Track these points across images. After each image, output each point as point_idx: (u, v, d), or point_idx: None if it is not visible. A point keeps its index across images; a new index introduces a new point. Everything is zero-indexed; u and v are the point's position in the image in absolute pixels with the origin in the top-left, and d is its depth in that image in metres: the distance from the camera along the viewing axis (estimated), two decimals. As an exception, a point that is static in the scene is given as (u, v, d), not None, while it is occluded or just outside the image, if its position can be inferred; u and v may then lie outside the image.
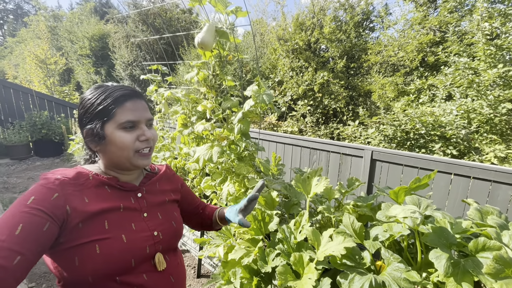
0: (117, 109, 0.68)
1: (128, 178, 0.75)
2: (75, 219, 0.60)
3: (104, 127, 0.68)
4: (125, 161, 0.70)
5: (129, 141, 0.68)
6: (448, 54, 4.34)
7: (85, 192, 0.65)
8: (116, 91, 0.69)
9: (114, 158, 0.70)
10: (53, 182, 0.61)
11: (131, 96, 0.70)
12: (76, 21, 13.25)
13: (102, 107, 0.67)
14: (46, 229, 0.55)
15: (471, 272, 0.82)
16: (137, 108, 0.71)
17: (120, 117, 0.68)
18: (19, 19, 29.43)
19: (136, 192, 0.75)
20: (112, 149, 0.69)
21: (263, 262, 1.29)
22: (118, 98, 0.68)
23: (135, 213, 0.72)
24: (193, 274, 2.38)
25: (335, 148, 2.69)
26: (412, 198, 1.06)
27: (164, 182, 0.86)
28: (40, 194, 0.58)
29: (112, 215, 0.67)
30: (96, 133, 0.67)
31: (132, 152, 0.70)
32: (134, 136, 0.70)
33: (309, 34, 6.36)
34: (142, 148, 0.71)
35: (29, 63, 9.62)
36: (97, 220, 0.64)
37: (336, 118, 6.07)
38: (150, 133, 0.72)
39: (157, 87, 2.05)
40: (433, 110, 3.65)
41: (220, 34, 1.43)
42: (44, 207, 0.56)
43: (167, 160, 2.24)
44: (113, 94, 0.68)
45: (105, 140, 0.68)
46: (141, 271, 0.69)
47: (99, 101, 0.68)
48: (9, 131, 6.08)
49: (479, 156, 3.00)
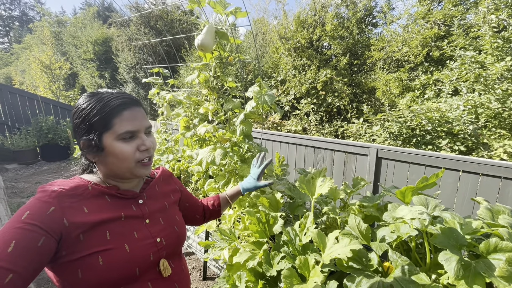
0: (115, 119, 0.65)
1: (129, 186, 0.74)
2: (75, 231, 0.59)
3: (102, 138, 0.65)
4: (126, 172, 0.69)
5: (129, 152, 0.67)
6: (453, 48, 4.26)
7: (84, 203, 0.63)
8: (113, 100, 0.66)
9: (114, 169, 0.69)
10: (49, 195, 0.59)
11: (129, 104, 0.68)
12: (80, 26, 13.41)
13: (98, 117, 0.64)
14: (40, 245, 0.54)
15: (482, 274, 0.79)
16: (135, 117, 0.68)
17: (119, 128, 0.65)
18: (24, 25, 29.93)
19: (137, 199, 0.74)
20: (112, 160, 0.67)
21: (268, 265, 1.27)
22: (115, 108, 0.65)
23: (137, 221, 0.71)
24: (199, 277, 2.37)
25: (340, 147, 2.66)
26: (419, 198, 1.03)
27: (162, 184, 0.85)
28: (35, 208, 0.57)
29: (114, 225, 0.65)
30: (94, 145, 0.65)
31: (134, 163, 0.68)
32: (134, 147, 0.68)
33: (311, 32, 6.31)
34: (143, 158, 0.70)
35: (34, 68, 9.77)
36: (98, 231, 0.63)
37: (340, 116, 6.01)
38: (149, 142, 0.70)
39: (159, 90, 2.05)
40: (439, 105, 3.58)
41: (220, 36, 1.41)
42: (39, 222, 0.55)
43: (170, 163, 2.24)
44: (110, 103, 0.65)
45: (103, 152, 0.66)
46: (146, 279, 0.69)
47: (95, 111, 0.65)
48: (16, 137, 6.18)
49: (488, 152, 2.94)
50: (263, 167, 1.15)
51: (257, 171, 1.15)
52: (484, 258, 0.84)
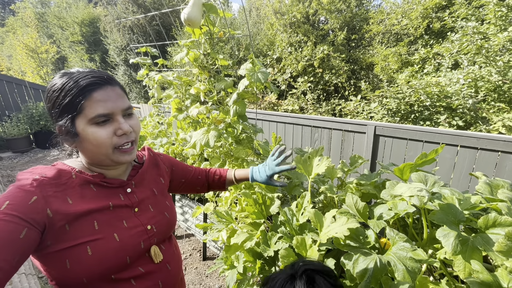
0: (84, 101, 0.58)
1: (115, 173, 0.70)
2: (59, 221, 0.56)
3: (75, 123, 0.59)
4: (105, 159, 0.64)
5: (104, 137, 0.60)
6: (455, 19, 4.09)
7: (68, 192, 0.60)
8: (81, 80, 0.59)
9: (92, 156, 0.64)
10: (30, 184, 0.55)
11: (100, 84, 0.60)
12: (64, 6, 12.70)
13: (68, 100, 0.58)
14: (23, 237, 0.50)
15: (479, 249, 0.79)
16: (108, 97, 0.61)
17: (89, 112, 0.59)
18: (6, 7, 28.33)
19: (125, 188, 0.70)
20: (88, 146, 0.62)
21: (265, 246, 1.27)
22: (84, 88, 0.58)
23: (126, 210, 0.68)
24: (199, 257, 2.42)
25: (337, 125, 2.61)
26: (418, 175, 1.01)
27: (151, 170, 0.81)
28: (16, 198, 0.53)
29: (102, 215, 0.63)
30: (68, 131, 0.60)
31: (111, 149, 0.62)
32: (110, 131, 0.61)
33: (307, 6, 6.03)
34: (122, 143, 0.63)
35: (19, 53, 9.38)
36: (85, 221, 0.60)
37: (338, 94, 5.91)
38: (127, 125, 0.63)
39: (147, 71, 1.95)
40: (439, 80, 3.50)
41: (207, 8, 1.31)
42: (20, 213, 0.51)
43: (164, 147, 2.20)
44: (78, 84, 0.58)
45: (78, 138, 0.60)
46: (137, 266, 0.67)
47: (64, 93, 0.58)
48: (7, 124, 6.04)
49: (486, 126, 2.91)
50: (281, 160, 0.94)
51: (273, 164, 0.94)
52: (482, 233, 0.83)
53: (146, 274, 0.69)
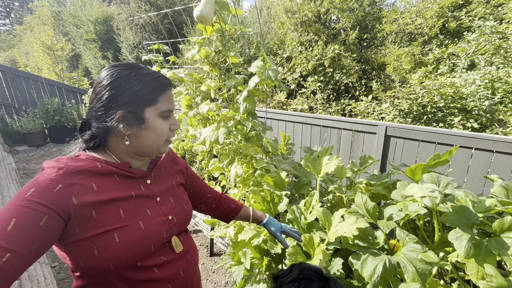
0: (161, 96, 0.68)
1: (140, 164, 0.74)
2: (86, 208, 0.58)
3: (144, 112, 0.66)
4: (154, 148, 0.71)
5: (166, 129, 0.70)
6: (472, 18, 3.97)
7: (93, 180, 0.62)
8: (160, 78, 0.69)
9: (145, 144, 0.68)
10: (56, 172, 0.57)
11: (171, 86, 0.72)
12: (80, 5, 13.00)
13: (146, 91, 0.65)
14: (43, 224, 0.52)
15: (494, 253, 0.76)
16: (172, 98, 0.72)
17: (162, 105, 0.68)
18: (24, 5, 29.25)
19: (146, 179, 0.73)
20: (149, 135, 0.68)
21: (272, 243, 1.28)
22: (164, 86, 0.68)
23: (148, 199, 0.71)
24: (206, 253, 2.44)
25: (347, 125, 2.58)
26: (430, 176, 0.99)
27: (168, 164, 0.84)
28: (41, 186, 0.54)
29: (126, 203, 0.65)
30: (136, 117, 0.65)
31: (164, 140, 0.71)
32: (168, 125, 0.71)
33: (318, 5, 5.97)
34: (171, 137, 0.74)
35: (36, 50, 9.65)
36: (111, 209, 0.62)
37: (348, 94, 5.83)
38: (178, 122, 0.75)
39: (159, 68, 1.98)
40: (454, 80, 3.40)
41: (220, 6, 1.32)
42: (44, 200, 0.53)
43: (174, 143, 2.23)
44: (160, 82, 0.68)
45: (144, 125, 0.66)
46: (160, 254, 0.70)
47: (143, 84, 0.65)
48: (24, 119, 6.24)
49: (503, 128, 2.82)
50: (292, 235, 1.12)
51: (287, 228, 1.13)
52: (497, 237, 0.80)
53: (168, 263, 0.71)
